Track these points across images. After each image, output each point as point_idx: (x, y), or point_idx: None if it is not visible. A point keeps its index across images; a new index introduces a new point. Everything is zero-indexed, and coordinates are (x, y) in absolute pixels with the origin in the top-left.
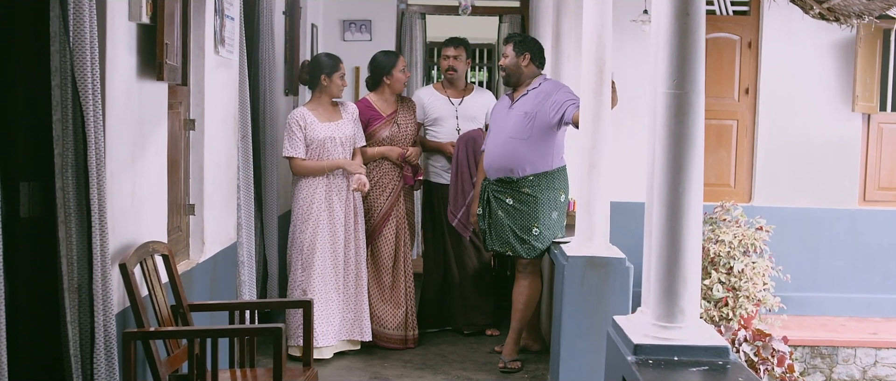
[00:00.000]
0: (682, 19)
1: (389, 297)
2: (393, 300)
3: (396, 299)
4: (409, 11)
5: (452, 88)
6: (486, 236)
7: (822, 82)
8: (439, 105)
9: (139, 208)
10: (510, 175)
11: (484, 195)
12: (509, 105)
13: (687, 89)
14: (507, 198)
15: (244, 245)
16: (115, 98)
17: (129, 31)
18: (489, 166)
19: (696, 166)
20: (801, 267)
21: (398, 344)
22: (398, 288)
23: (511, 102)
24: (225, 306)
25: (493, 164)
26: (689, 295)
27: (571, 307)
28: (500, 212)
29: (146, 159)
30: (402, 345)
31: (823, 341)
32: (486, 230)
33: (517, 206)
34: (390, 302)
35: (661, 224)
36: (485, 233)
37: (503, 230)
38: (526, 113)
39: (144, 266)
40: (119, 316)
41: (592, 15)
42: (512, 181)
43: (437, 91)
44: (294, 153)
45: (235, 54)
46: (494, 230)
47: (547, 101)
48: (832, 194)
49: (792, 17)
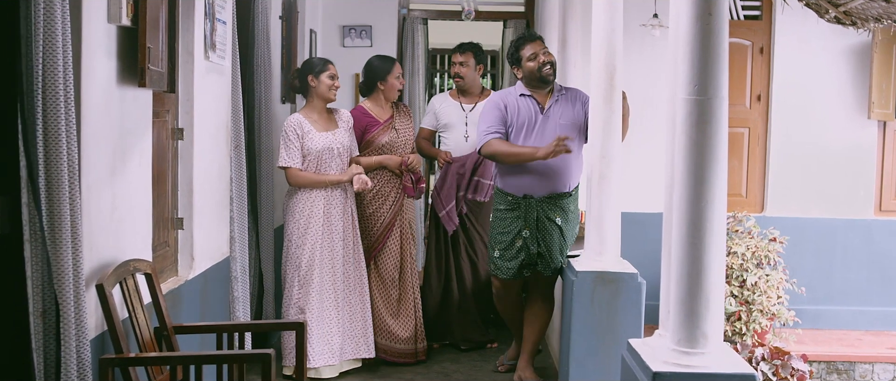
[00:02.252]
0: (703, 20)
1: (398, 310)
2: (402, 313)
3: (405, 312)
4: (411, 17)
5: (465, 94)
6: (540, 260)
7: (836, 89)
8: (450, 111)
9: (120, 224)
10: (561, 190)
11: (531, 215)
12: (538, 111)
13: (709, 95)
14: (556, 217)
15: (237, 260)
16: (92, 106)
17: (108, 34)
18: (534, 184)
19: (719, 179)
20: (815, 279)
21: (408, 358)
22: (406, 301)
23: (540, 109)
24: (212, 328)
25: (542, 182)
26: (713, 318)
27: (581, 325)
28: (554, 233)
29: (128, 171)
30: (413, 359)
31: (840, 356)
32: (536, 255)
33: (563, 224)
34: (399, 316)
35: (682, 241)
36: (537, 257)
37: (553, 251)
38: (573, 122)
39: (124, 286)
40: (96, 341)
41: (602, 19)
42: (561, 197)
43: (451, 98)
44: (291, 163)
45: (228, 60)
46: (549, 253)
47: (584, 108)
48: (847, 203)
49: (805, 21)
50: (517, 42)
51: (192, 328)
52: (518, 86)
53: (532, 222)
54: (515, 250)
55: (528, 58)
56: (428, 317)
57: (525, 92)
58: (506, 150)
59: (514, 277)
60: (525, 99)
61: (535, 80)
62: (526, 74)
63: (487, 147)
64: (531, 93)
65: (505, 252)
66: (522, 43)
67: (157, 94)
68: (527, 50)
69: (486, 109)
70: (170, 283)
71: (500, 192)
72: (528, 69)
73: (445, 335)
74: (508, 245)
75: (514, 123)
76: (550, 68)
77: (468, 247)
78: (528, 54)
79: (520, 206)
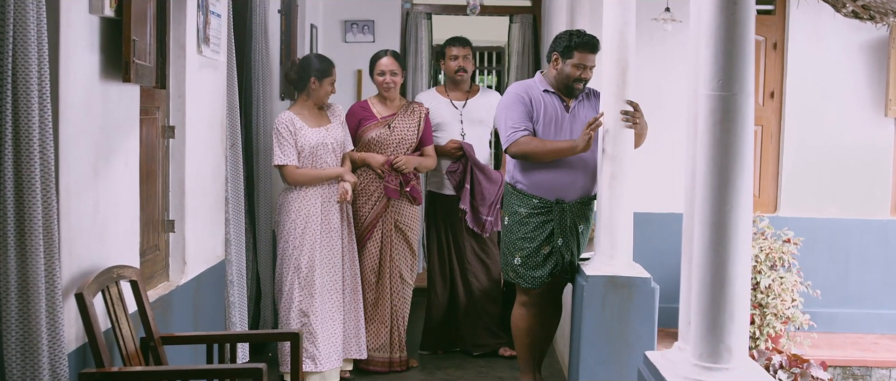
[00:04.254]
0: (728, 10)
1: (372, 315)
2: (376, 319)
3: (380, 318)
4: (415, 11)
5: (457, 90)
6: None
7: (852, 86)
8: (441, 110)
9: (103, 228)
10: (593, 191)
11: (564, 222)
12: (562, 110)
13: (734, 91)
14: (580, 224)
15: (233, 263)
16: (72, 103)
17: (91, 25)
18: (568, 185)
19: (744, 181)
20: (829, 281)
21: (381, 367)
22: (382, 306)
23: (564, 108)
24: (203, 339)
25: (576, 182)
26: (737, 331)
27: (591, 333)
28: (580, 238)
29: (113, 172)
30: (386, 368)
31: (856, 361)
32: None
33: (584, 231)
34: (373, 321)
35: (704, 248)
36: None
37: (575, 258)
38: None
39: (107, 295)
40: (76, 354)
41: (614, 13)
42: (589, 201)
43: (440, 94)
44: (287, 160)
45: (223, 55)
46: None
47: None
48: (863, 203)
49: (820, 16)
50: (578, 44)
51: (182, 338)
52: (539, 80)
53: (566, 229)
54: (541, 257)
55: (575, 64)
56: (434, 325)
57: (549, 88)
58: (541, 147)
59: (540, 285)
60: (549, 96)
61: (564, 87)
62: (561, 76)
63: (517, 146)
64: (556, 91)
65: (528, 260)
66: (582, 48)
67: (146, 90)
68: (579, 57)
69: (508, 104)
70: (160, 289)
71: (520, 194)
72: (566, 73)
73: (455, 343)
74: (533, 252)
75: (540, 120)
76: (583, 85)
77: (476, 248)
78: (577, 61)
79: (550, 210)
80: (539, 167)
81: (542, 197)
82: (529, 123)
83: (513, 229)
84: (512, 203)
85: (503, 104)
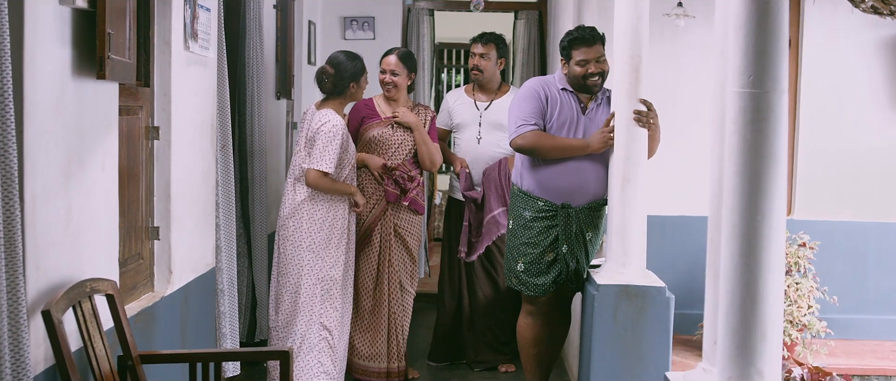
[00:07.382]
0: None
1: (368, 323)
2: (371, 327)
3: (376, 326)
4: (416, 8)
5: (482, 90)
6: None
7: (868, 85)
8: (463, 110)
9: (76, 238)
10: (603, 195)
11: (570, 228)
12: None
13: (767, 88)
14: (588, 231)
15: (224, 271)
16: (39, 101)
17: (61, 18)
18: (577, 188)
19: (777, 186)
20: (845, 286)
21: (376, 377)
22: (379, 314)
23: (581, 109)
24: (185, 357)
25: (586, 185)
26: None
27: (602, 345)
28: (587, 246)
29: (88, 176)
30: (383, 378)
31: (874, 370)
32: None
33: (593, 238)
34: (369, 329)
35: (733, 260)
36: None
37: (582, 267)
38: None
39: (79, 311)
40: (43, 377)
41: (625, 6)
42: (600, 205)
43: (466, 94)
44: (329, 169)
45: (212, 51)
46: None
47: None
48: (880, 206)
49: (836, 13)
50: (572, 40)
51: (160, 356)
52: (559, 77)
53: (571, 236)
54: (545, 264)
55: (578, 62)
56: (442, 335)
57: (567, 87)
58: (548, 142)
59: (544, 293)
60: (567, 95)
61: (578, 86)
62: (570, 78)
63: (524, 139)
64: (574, 90)
65: (531, 266)
66: (577, 44)
67: (128, 88)
68: (578, 53)
69: (522, 97)
70: (144, 300)
71: (526, 196)
72: (574, 73)
73: (459, 355)
74: (536, 258)
75: (554, 119)
76: (599, 79)
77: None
78: (578, 58)
79: (556, 215)
80: (547, 166)
81: (547, 200)
82: (541, 119)
83: (516, 234)
84: (517, 206)
85: (517, 98)
